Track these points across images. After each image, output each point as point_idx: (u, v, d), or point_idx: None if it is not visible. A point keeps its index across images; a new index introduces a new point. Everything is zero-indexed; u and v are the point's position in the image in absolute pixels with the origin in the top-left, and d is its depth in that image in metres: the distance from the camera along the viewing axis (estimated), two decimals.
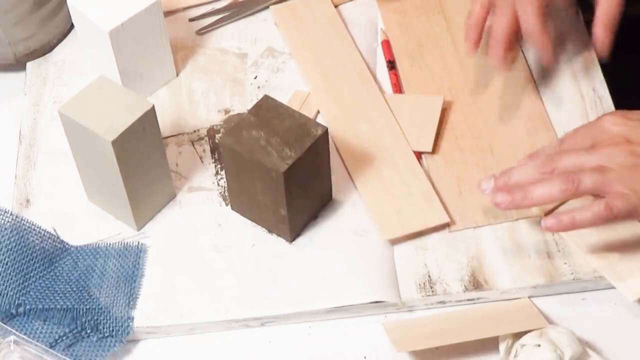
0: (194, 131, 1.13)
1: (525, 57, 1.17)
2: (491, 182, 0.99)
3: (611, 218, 0.93)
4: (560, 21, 1.20)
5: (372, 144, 1.10)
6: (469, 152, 1.10)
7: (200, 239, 1.05)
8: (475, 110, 1.13)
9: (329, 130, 1.00)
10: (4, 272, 1.00)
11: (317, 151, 0.99)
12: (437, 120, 1.11)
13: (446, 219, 1.04)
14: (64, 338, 0.99)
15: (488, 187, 0.99)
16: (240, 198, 1.04)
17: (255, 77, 1.18)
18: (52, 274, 1.02)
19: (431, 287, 1.00)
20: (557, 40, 1.18)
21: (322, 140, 0.99)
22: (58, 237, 1.05)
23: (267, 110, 1.00)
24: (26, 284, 1.01)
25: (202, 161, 1.11)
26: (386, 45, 1.19)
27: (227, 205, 1.07)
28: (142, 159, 1.01)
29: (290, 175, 0.97)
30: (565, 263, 1.01)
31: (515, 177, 0.97)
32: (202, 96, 1.16)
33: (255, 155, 0.98)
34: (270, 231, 1.04)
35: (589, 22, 1.10)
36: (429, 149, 1.10)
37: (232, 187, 1.04)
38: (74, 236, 1.05)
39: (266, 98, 1.01)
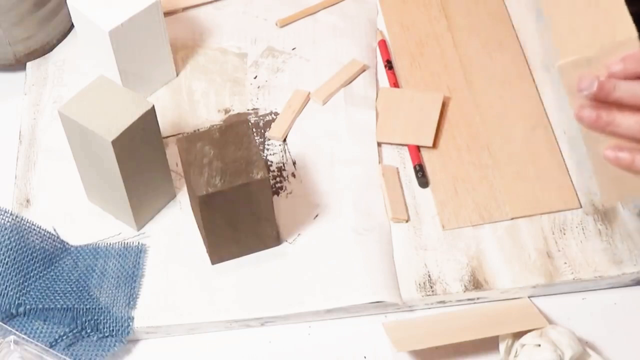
0: (194, 131, 1.13)
1: (525, 57, 1.17)
2: (594, 85, 0.85)
3: None
4: None
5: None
6: (465, 151, 1.10)
7: (200, 239, 1.05)
8: (473, 109, 1.13)
9: None
10: (4, 272, 1.00)
11: (249, 192, 0.97)
12: (437, 116, 1.12)
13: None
14: (64, 338, 0.99)
15: (589, 89, 0.86)
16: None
17: (255, 77, 1.18)
18: (52, 274, 1.02)
19: (431, 287, 1.00)
20: None
21: (258, 185, 0.97)
22: (58, 237, 1.05)
23: (235, 134, 0.99)
24: (26, 284, 1.01)
25: None
26: (383, 45, 1.19)
27: None
28: (142, 159, 1.01)
29: (208, 202, 0.96)
30: (565, 263, 1.01)
31: (616, 94, 0.85)
32: (202, 96, 1.16)
33: (189, 169, 0.97)
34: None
35: None
36: (430, 144, 1.10)
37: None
38: (74, 236, 1.05)
39: (242, 123, 1.00)
